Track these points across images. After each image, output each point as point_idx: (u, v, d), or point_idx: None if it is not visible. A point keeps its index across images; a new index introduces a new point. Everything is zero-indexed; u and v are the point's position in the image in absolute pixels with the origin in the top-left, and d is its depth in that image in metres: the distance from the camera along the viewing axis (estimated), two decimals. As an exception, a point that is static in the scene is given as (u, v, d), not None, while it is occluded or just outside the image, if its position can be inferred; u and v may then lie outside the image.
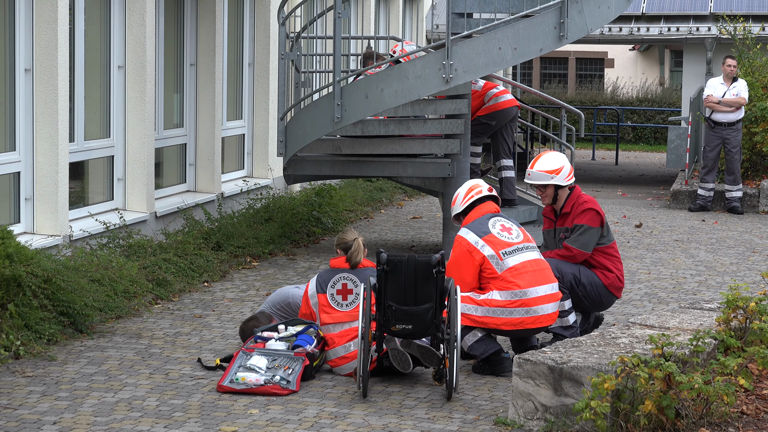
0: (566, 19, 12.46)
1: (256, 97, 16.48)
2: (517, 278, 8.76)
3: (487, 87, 14.30)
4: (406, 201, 19.26)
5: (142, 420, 7.41)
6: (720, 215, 18.04)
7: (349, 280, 8.80)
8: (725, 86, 18.16)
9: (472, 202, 9.11)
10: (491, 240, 8.86)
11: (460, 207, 9.17)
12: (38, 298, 9.11)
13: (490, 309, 8.73)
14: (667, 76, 43.57)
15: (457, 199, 9.22)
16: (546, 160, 9.41)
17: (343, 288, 8.80)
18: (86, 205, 12.33)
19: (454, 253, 8.91)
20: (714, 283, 12.45)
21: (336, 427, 7.36)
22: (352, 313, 8.70)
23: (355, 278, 8.79)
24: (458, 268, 8.82)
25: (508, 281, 8.75)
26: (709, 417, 7.04)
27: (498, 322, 8.74)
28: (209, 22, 14.56)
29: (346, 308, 8.76)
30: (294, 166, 13.56)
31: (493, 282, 8.77)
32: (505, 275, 8.76)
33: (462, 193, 9.20)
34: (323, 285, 8.84)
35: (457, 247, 8.90)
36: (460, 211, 9.15)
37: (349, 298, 8.77)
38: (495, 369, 8.68)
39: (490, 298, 8.74)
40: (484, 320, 8.73)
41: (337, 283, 8.81)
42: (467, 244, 8.87)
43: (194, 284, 11.51)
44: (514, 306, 8.72)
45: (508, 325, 8.75)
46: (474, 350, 8.75)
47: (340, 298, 8.79)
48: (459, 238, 8.95)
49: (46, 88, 10.99)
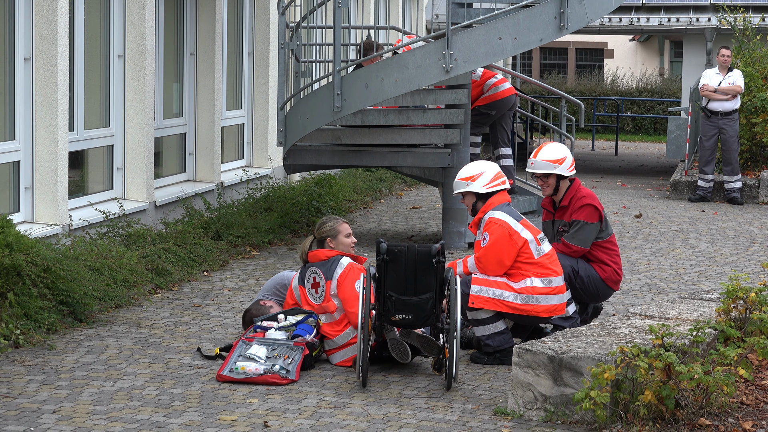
0: (566, 9, 12.45)
1: (256, 86, 16.47)
2: (553, 264, 8.76)
3: (486, 76, 14.29)
4: (406, 191, 19.25)
5: (141, 409, 7.41)
6: (719, 206, 18.03)
7: (316, 274, 8.84)
8: (720, 76, 18.17)
9: (497, 189, 8.84)
10: (527, 225, 8.79)
11: (482, 189, 8.81)
12: (38, 287, 9.10)
13: (533, 296, 8.66)
14: (666, 67, 43.54)
15: (479, 178, 8.82)
16: (549, 149, 9.40)
17: (314, 281, 8.87)
18: (86, 194, 12.32)
19: (494, 236, 8.65)
20: (714, 273, 12.45)
21: (335, 417, 7.37)
22: (324, 305, 8.75)
23: (318, 271, 8.81)
24: (498, 251, 8.65)
25: (546, 267, 8.70)
26: (709, 407, 7.04)
27: (539, 310, 8.68)
28: (209, 12, 14.54)
29: (318, 301, 8.82)
30: (294, 155, 13.56)
31: (526, 267, 8.68)
32: (542, 260, 8.71)
33: (488, 174, 8.85)
34: (302, 278, 8.93)
35: (497, 230, 8.66)
36: (482, 193, 8.84)
37: (319, 291, 8.81)
38: (505, 359, 8.61)
39: (531, 285, 8.66)
40: (525, 308, 8.65)
41: (309, 277, 8.89)
42: (508, 227, 8.69)
43: (194, 274, 11.51)
44: (552, 294, 8.70)
45: (547, 312, 8.70)
46: (492, 340, 8.65)
47: (314, 291, 8.86)
48: (497, 221, 8.70)
49: (46, 77, 10.97)
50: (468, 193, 8.88)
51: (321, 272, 8.78)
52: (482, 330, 8.71)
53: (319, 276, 8.79)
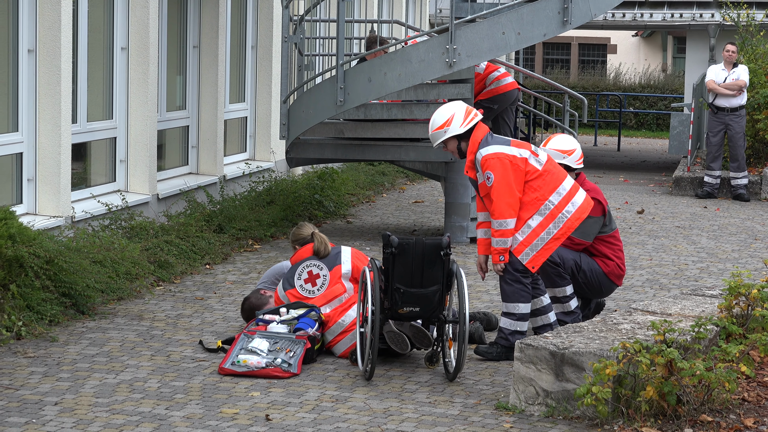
0: (570, 5, 12.44)
1: (259, 79, 16.47)
2: (556, 169, 8.63)
3: (489, 69, 14.29)
4: (408, 185, 19.25)
5: (143, 401, 7.42)
6: (722, 202, 18.03)
7: (314, 266, 8.92)
8: (726, 72, 18.15)
9: (474, 123, 8.61)
10: (517, 143, 8.64)
11: (460, 129, 8.57)
12: (40, 279, 9.11)
13: (562, 214, 8.54)
14: (669, 63, 43.53)
15: (453, 120, 8.57)
16: (559, 140, 9.42)
17: (309, 275, 8.92)
18: (88, 186, 12.33)
19: (499, 172, 8.44)
20: (716, 269, 12.44)
21: (337, 410, 7.37)
22: (325, 294, 8.83)
23: (318, 262, 8.92)
24: (509, 185, 8.45)
25: (552, 174, 8.57)
26: (711, 404, 7.04)
27: (573, 220, 8.58)
28: (212, 4, 14.53)
29: (318, 293, 8.87)
30: (296, 149, 13.56)
31: (537, 186, 8.51)
32: (547, 168, 8.58)
33: (460, 114, 8.59)
34: (290, 281, 8.98)
35: (498, 164, 8.45)
36: (461, 132, 8.59)
37: (318, 282, 8.87)
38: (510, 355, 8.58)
39: (552, 207, 8.53)
40: (567, 226, 8.56)
41: (302, 273, 8.93)
42: (506, 156, 8.50)
43: (196, 266, 11.51)
44: (568, 202, 8.59)
45: (582, 216, 8.61)
46: (513, 337, 8.60)
47: (310, 285, 8.90)
48: (494, 155, 8.49)
49: (49, 69, 10.97)
50: (449, 140, 8.66)
51: (322, 263, 8.90)
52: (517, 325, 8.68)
53: (319, 267, 8.89)
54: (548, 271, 9.18)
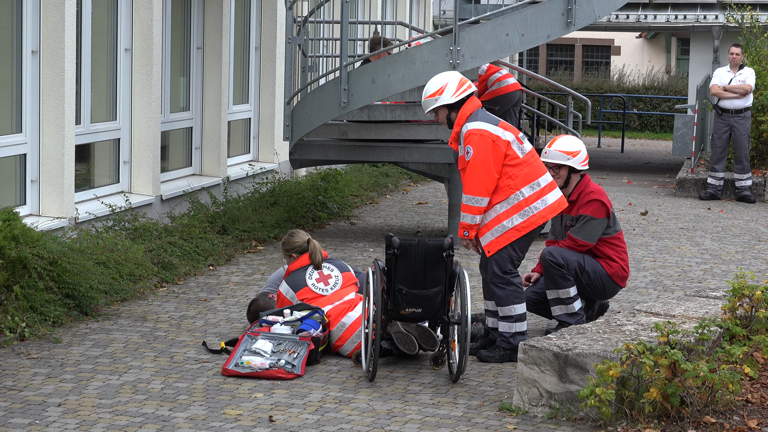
0: (574, 6, 12.44)
1: (263, 81, 16.47)
2: (537, 162, 8.66)
3: (491, 70, 14.27)
4: (412, 186, 19.25)
5: (146, 403, 7.42)
6: (725, 204, 18.01)
7: (324, 267, 9.09)
8: (731, 74, 18.14)
9: (467, 95, 8.62)
10: (506, 126, 8.64)
11: (451, 98, 8.58)
12: (44, 280, 9.11)
13: (529, 207, 8.56)
14: (673, 64, 43.52)
15: (445, 89, 8.60)
16: (564, 141, 9.42)
17: (320, 276, 9.01)
18: (92, 187, 12.33)
19: (477, 148, 8.45)
20: (719, 271, 12.43)
21: (340, 412, 7.37)
22: (338, 292, 8.91)
23: (327, 264, 9.12)
24: (486, 162, 8.46)
25: (531, 166, 8.58)
26: (714, 405, 7.04)
27: (538, 217, 8.58)
28: (216, 6, 14.54)
29: (331, 291, 8.95)
30: (300, 150, 13.56)
31: (514, 173, 8.52)
32: (527, 159, 8.59)
33: (453, 84, 8.62)
34: (299, 282, 9.04)
35: (479, 141, 8.46)
36: (452, 102, 8.60)
37: (331, 282, 8.98)
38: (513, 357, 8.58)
39: (521, 198, 8.56)
40: (531, 221, 8.57)
41: (312, 273, 9.03)
42: (489, 134, 8.50)
43: (199, 268, 11.52)
44: (544, 194, 8.63)
45: (548, 215, 8.62)
46: (515, 339, 8.63)
47: (322, 284, 8.97)
48: (477, 131, 8.50)
49: (53, 70, 10.98)
50: (439, 108, 8.68)
51: (330, 264, 9.11)
52: (515, 326, 8.69)
53: (329, 268, 9.07)
54: (552, 272, 9.18)
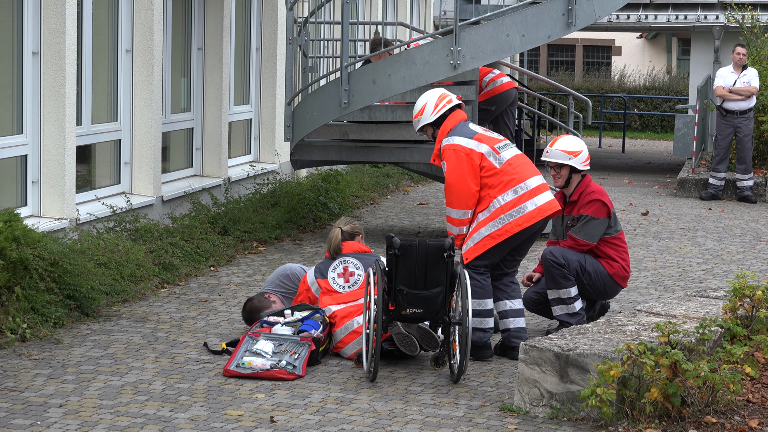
0: (574, 6, 12.44)
1: (264, 81, 16.47)
2: (517, 170, 8.70)
3: (483, 72, 14.24)
4: (413, 187, 19.25)
5: (147, 403, 7.42)
6: (726, 204, 18.01)
7: (351, 263, 8.96)
8: (735, 74, 18.13)
9: (445, 111, 8.83)
10: (481, 137, 8.76)
11: (431, 117, 8.83)
12: (45, 281, 9.12)
13: (506, 215, 8.62)
14: (674, 64, 43.51)
15: (425, 109, 8.85)
16: (566, 140, 9.43)
17: (344, 271, 8.95)
18: (93, 188, 12.34)
19: (452, 163, 8.65)
20: (720, 271, 12.44)
21: (342, 412, 7.37)
22: (354, 293, 8.83)
23: (356, 261, 8.96)
24: (463, 176, 8.62)
25: (510, 174, 8.64)
26: (715, 405, 7.04)
27: (521, 222, 8.62)
28: (217, 6, 14.54)
29: (348, 289, 8.89)
30: (301, 151, 13.56)
31: (493, 183, 8.62)
32: (505, 168, 8.66)
33: (431, 102, 8.86)
34: (323, 271, 8.99)
35: (453, 156, 8.66)
36: (432, 121, 8.84)
37: (351, 280, 8.91)
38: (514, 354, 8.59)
39: (498, 206, 8.63)
40: (506, 229, 8.61)
41: (338, 266, 8.94)
42: (462, 148, 8.67)
43: (200, 269, 11.52)
44: (523, 201, 8.65)
45: (529, 221, 8.63)
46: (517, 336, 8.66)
47: (342, 280, 8.90)
48: (449, 146, 8.69)
49: (54, 71, 10.98)
50: (425, 127, 8.91)
51: (360, 263, 8.94)
52: (515, 322, 8.73)
53: (355, 266, 8.93)
54: (553, 272, 9.19)
